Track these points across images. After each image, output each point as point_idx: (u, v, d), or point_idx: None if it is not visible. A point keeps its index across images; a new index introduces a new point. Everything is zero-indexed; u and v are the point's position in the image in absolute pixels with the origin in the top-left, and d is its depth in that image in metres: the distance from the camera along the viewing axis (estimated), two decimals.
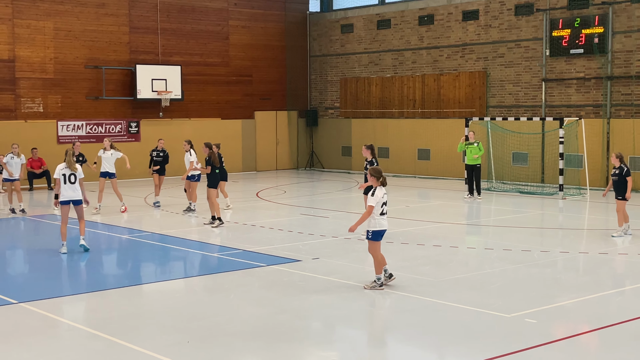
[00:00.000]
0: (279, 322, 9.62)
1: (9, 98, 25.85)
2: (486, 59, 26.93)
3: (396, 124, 29.68)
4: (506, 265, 12.93)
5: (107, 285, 11.89)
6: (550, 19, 24.94)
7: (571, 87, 24.85)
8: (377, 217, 11.02)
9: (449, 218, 18.40)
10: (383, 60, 30.14)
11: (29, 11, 26.06)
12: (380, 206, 11.03)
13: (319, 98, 32.90)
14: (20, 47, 25.94)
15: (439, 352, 8.60)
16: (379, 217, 11.03)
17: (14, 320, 9.76)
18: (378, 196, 10.98)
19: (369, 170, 11.20)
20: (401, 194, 23.34)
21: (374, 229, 11.06)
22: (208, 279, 12.37)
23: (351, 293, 10.97)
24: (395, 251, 14.06)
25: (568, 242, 15.20)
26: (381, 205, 11.03)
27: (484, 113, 26.77)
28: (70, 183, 14.33)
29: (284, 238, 15.59)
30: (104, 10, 27.63)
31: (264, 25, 31.72)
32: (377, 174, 11.08)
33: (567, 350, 8.57)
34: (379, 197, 10.99)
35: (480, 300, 10.55)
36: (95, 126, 27.36)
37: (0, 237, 17.32)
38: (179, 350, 8.50)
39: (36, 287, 11.90)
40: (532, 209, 19.96)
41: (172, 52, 29.22)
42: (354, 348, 8.81)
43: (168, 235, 16.09)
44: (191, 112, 29.79)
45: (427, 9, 28.61)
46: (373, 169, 11.16)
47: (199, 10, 29.88)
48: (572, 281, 11.99)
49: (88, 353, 8.48)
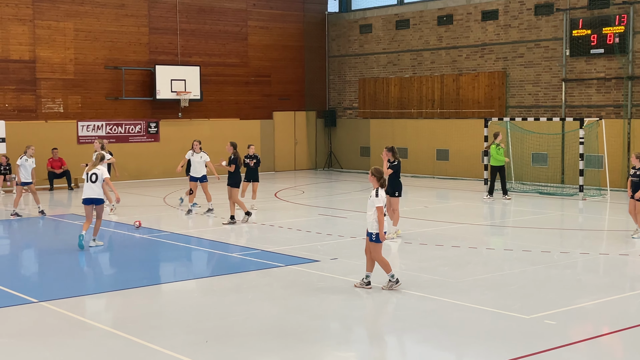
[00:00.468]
0: (297, 322, 9.62)
1: (29, 98, 26.06)
2: (505, 59, 26.80)
3: (415, 125, 29.61)
4: (525, 267, 12.86)
5: (126, 284, 11.95)
6: (571, 18, 24.78)
7: (591, 87, 24.67)
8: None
9: (468, 219, 18.32)
10: (402, 60, 30.08)
11: (50, 12, 26.26)
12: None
13: (338, 98, 32.89)
14: (40, 48, 26.14)
15: (457, 353, 8.57)
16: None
17: (34, 319, 9.84)
18: (382, 197, 10.93)
19: (370, 170, 11.15)
20: (420, 195, 23.27)
21: (377, 231, 10.92)
22: (226, 278, 12.40)
23: (369, 293, 10.95)
24: (414, 252, 14.02)
25: (588, 244, 15.10)
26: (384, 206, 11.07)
27: (503, 113, 26.64)
28: (91, 182, 14.48)
29: (302, 238, 15.60)
30: (123, 11, 27.78)
31: (283, 26, 31.76)
32: (379, 174, 11.06)
33: (587, 352, 8.51)
34: (384, 197, 10.95)
35: (500, 302, 10.50)
36: (114, 126, 27.51)
37: (21, 237, 17.47)
38: (197, 349, 8.53)
39: (56, 286, 11.98)
40: (552, 210, 19.84)
41: (191, 53, 29.33)
42: (372, 349, 8.79)
43: (187, 235, 16.15)
44: (210, 113, 29.89)
45: (446, 9, 28.52)
46: (375, 168, 11.13)
47: (217, 11, 29.97)
48: (592, 282, 11.90)
49: (107, 352, 8.53)
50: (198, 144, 19.60)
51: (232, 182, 17.33)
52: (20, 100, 25.87)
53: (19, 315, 10.02)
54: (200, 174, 19.31)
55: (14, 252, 15.62)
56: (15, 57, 25.68)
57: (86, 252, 14.41)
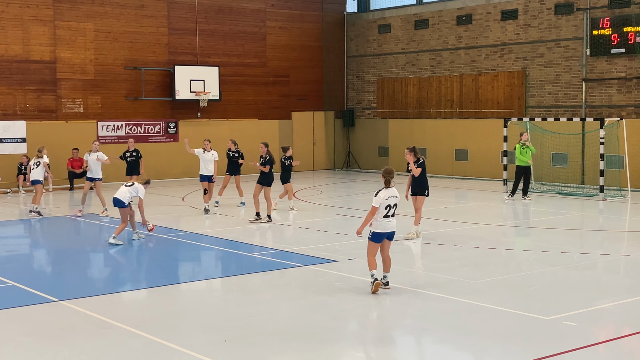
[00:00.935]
0: (315, 322, 9.62)
1: (50, 99, 26.25)
2: (525, 59, 26.66)
3: (433, 125, 29.53)
4: (545, 267, 12.78)
5: (146, 284, 12.00)
6: (591, 18, 24.61)
7: (612, 87, 24.49)
8: (379, 219, 10.83)
9: (487, 219, 18.25)
10: (420, 60, 30.01)
11: (70, 13, 26.44)
12: (384, 208, 10.80)
13: (356, 98, 32.86)
14: (61, 49, 26.32)
15: (476, 354, 8.54)
16: (381, 219, 10.83)
17: (55, 318, 9.90)
18: (380, 197, 10.79)
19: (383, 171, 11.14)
20: (439, 195, 23.20)
21: (374, 230, 10.90)
22: (245, 278, 12.42)
23: (387, 294, 10.93)
24: (432, 252, 13.99)
25: (608, 244, 14.98)
26: (385, 207, 10.81)
27: (523, 113, 26.50)
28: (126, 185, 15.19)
29: (320, 238, 15.60)
30: (143, 12, 27.92)
31: (301, 26, 31.78)
32: (385, 174, 11.05)
33: (608, 354, 8.45)
34: (381, 199, 10.78)
35: (519, 303, 10.44)
36: (134, 126, 27.65)
37: (41, 236, 17.60)
38: (216, 349, 8.55)
39: (76, 285, 12.06)
40: (572, 211, 19.71)
41: (210, 53, 29.42)
42: (390, 349, 8.77)
43: (205, 235, 16.20)
44: (229, 113, 29.96)
45: (465, 9, 28.41)
46: (384, 168, 11.12)
47: (236, 12, 30.04)
48: (613, 284, 11.81)
49: (127, 351, 8.57)
50: (208, 143, 20.02)
51: (266, 182, 17.64)
52: (41, 101, 26.06)
53: (39, 314, 10.10)
54: (211, 173, 19.63)
55: (33, 251, 15.75)
56: (36, 57, 25.88)
57: (105, 252, 14.49)
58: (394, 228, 11.00)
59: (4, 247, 15.78)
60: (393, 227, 10.98)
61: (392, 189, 10.95)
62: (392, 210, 10.92)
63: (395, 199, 10.93)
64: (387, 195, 10.86)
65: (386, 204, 10.82)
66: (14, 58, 25.46)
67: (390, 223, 10.91)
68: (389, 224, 10.90)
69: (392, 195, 10.92)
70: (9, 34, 25.31)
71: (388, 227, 10.90)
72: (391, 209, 10.90)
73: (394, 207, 10.93)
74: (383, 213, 10.81)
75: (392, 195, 10.92)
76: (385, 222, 10.86)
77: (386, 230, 10.90)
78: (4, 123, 24.95)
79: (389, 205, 10.86)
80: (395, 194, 10.96)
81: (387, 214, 10.85)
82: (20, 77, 25.62)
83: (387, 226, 10.89)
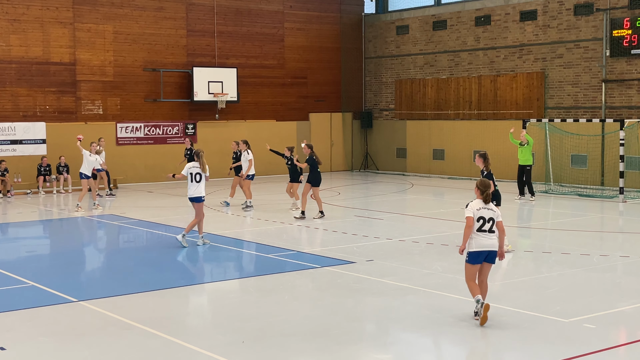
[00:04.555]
0: (333, 324, 9.62)
1: (69, 100, 26.43)
2: (544, 60, 26.52)
3: (452, 126, 29.44)
4: (564, 269, 12.70)
5: (164, 284, 12.05)
6: (611, 18, 24.44)
7: (632, 87, 24.30)
8: (474, 235, 9.48)
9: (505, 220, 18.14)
10: (439, 61, 29.93)
11: (90, 15, 26.62)
12: (477, 220, 9.45)
13: (374, 100, 32.83)
14: (80, 51, 26.50)
15: (495, 356, 8.50)
16: (476, 234, 9.47)
17: (73, 318, 9.96)
18: (473, 207, 9.52)
19: (476, 182, 9.73)
20: (457, 196, 23.14)
21: (469, 250, 9.54)
22: (262, 279, 12.44)
23: (405, 295, 10.91)
24: (450, 254, 13.94)
25: (628, 246, 14.86)
26: (478, 219, 9.46)
27: (542, 115, 26.37)
28: (196, 182, 15.01)
29: (338, 240, 15.59)
30: (162, 14, 28.05)
31: (319, 27, 31.80)
32: (482, 186, 9.60)
33: (628, 357, 8.39)
34: (473, 209, 9.51)
35: (538, 305, 10.38)
36: (153, 128, 27.78)
37: (60, 237, 17.73)
38: (234, 349, 8.57)
39: (95, 285, 12.13)
40: (592, 212, 19.58)
41: (228, 55, 29.50)
42: (408, 351, 8.75)
43: (223, 236, 16.24)
44: (247, 114, 30.03)
45: (484, 10, 28.32)
46: (480, 180, 9.70)
47: (254, 13, 30.11)
48: (633, 286, 11.71)
49: (145, 351, 8.61)
50: (244, 144, 20.33)
51: (314, 181, 18.26)
52: (61, 102, 26.25)
53: (58, 314, 10.16)
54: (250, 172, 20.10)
55: (53, 251, 15.86)
56: (56, 59, 26.07)
57: (123, 252, 14.54)
58: (493, 247, 9.49)
59: (24, 247, 15.90)
60: (492, 246, 9.48)
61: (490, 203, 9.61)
62: (488, 224, 9.49)
63: (490, 212, 9.52)
64: (479, 206, 9.54)
65: (478, 216, 9.48)
66: (34, 60, 25.67)
67: (486, 240, 9.46)
68: (486, 241, 9.47)
69: (488, 208, 9.56)
70: (29, 36, 25.52)
71: (484, 244, 9.44)
72: (486, 222, 9.48)
73: (489, 221, 9.48)
74: (477, 226, 9.47)
75: (487, 208, 9.56)
76: (481, 238, 9.46)
77: (480, 249, 9.44)
78: (24, 124, 25.16)
79: (482, 218, 9.47)
80: (491, 207, 9.58)
81: (482, 228, 9.47)
82: (40, 79, 25.81)
83: (482, 243, 9.44)
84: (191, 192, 15.04)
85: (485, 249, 9.44)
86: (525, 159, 21.45)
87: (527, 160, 21.50)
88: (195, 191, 15.00)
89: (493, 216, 9.53)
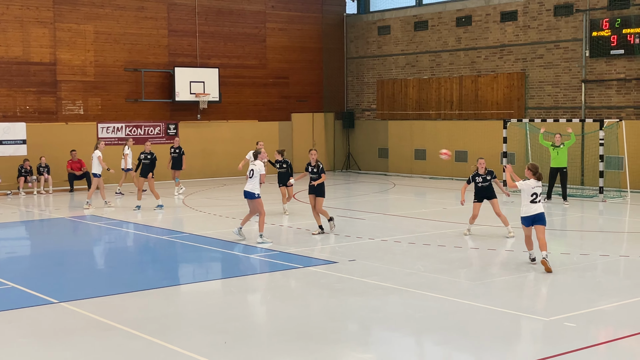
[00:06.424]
0: (316, 324, 9.63)
1: (50, 100, 26.27)
2: (525, 60, 26.68)
3: (433, 126, 29.55)
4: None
5: (146, 285, 12.01)
6: (590, 19, 24.63)
7: (611, 88, 24.51)
8: (524, 204, 12.54)
9: (487, 220, 18.25)
10: (420, 61, 30.04)
11: (70, 15, 26.46)
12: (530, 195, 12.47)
13: (356, 100, 32.89)
14: (61, 51, 26.35)
15: (477, 355, 8.55)
16: (527, 203, 12.50)
17: (55, 320, 9.91)
18: (529, 184, 12.48)
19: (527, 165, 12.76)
20: (438, 196, 23.23)
21: (521, 215, 12.69)
22: (244, 280, 12.44)
23: (388, 295, 10.94)
24: (432, 254, 14.00)
25: (608, 246, 14.99)
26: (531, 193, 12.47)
27: (522, 115, 26.52)
28: (249, 177, 15.18)
29: (320, 240, 15.61)
30: (143, 14, 27.94)
31: (301, 28, 31.80)
32: (534, 168, 12.65)
33: (608, 355, 8.46)
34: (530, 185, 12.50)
35: (519, 303, 10.45)
36: (134, 128, 27.67)
37: (41, 238, 17.61)
38: (217, 350, 8.56)
39: (76, 287, 12.07)
40: (572, 212, 19.72)
41: (210, 55, 29.44)
42: (391, 350, 8.79)
43: (206, 237, 16.20)
44: (228, 115, 29.98)
45: (465, 10, 28.45)
46: (531, 164, 12.80)
47: (236, 13, 30.06)
48: (613, 285, 11.82)
49: (127, 352, 8.58)
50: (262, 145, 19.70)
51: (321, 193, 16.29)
52: (41, 102, 26.09)
53: (39, 315, 10.10)
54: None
55: (33, 252, 15.75)
56: (36, 59, 25.90)
57: (105, 253, 14.46)
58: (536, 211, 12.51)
59: (4, 248, 15.78)
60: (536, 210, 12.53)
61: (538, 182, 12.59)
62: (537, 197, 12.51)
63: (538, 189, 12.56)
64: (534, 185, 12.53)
65: (532, 192, 12.48)
66: (14, 60, 25.48)
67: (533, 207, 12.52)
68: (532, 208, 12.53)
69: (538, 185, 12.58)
70: (9, 36, 25.34)
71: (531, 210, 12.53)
72: (535, 196, 12.48)
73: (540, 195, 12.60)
74: (529, 199, 12.50)
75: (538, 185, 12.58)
76: (529, 206, 12.52)
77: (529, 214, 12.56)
78: (4, 125, 24.98)
79: (534, 194, 12.50)
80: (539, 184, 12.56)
81: (534, 199, 12.49)
82: (21, 79, 25.64)
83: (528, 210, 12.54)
84: (245, 188, 15.28)
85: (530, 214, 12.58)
86: (560, 160, 21.02)
87: (562, 162, 21.00)
88: (248, 186, 15.17)
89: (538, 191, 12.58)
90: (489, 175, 15.90)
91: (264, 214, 15.27)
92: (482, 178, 15.83)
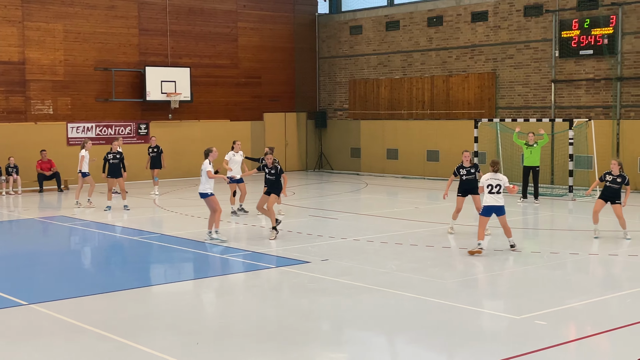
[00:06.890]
0: (289, 324, 9.62)
1: (19, 100, 25.96)
2: (495, 60, 26.88)
3: (405, 126, 29.65)
4: (516, 267, 12.89)
5: (117, 286, 11.91)
6: (560, 20, 24.87)
7: (581, 88, 24.77)
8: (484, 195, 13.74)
9: (459, 219, 18.34)
10: (392, 61, 30.13)
11: (39, 14, 26.17)
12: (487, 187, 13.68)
13: (328, 99, 32.90)
14: (30, 50, 26.04)
15: (448, 353, 8.58)
16: (486, 194, 13.71)
17: (24, 322, 9.79)
18: (483, 178, 13.81)
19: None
20: (410, 196, 23.32)
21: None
22: (217, 280, 12.38)
23: (360, 295, 10.96)
24: (404, 252, 14.04)
25: (578, 244, 15.14)
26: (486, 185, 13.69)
27: (493, 114, 26.71)
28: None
29: (293, 239, 15.59)
30: (113, 13, 27.71)
31: (273, 27, 31.75)
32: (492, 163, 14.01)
33: (578, 352, 8.54)
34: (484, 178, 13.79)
35: (490, 302, 10.52)
36: (105, 128, 27.44)
37: (10, 239, 17.39)
38: (189, 351, 8.51)
39: (45, 288, 11.93)
40: (542, 211, 19.90)
41: (181, 54, 29.28)
42: (364, 350, 8.80)
43: (177, 237, 16.11)
44: (200, 114, 29.85)
45: (436, 10, 28.58)
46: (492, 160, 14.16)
47: (207, 13, 29.94)
48: (582, 283, 11.95)
49: (98, 354, 8.50)
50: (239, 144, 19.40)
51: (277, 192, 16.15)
52: (10, 102, 25.76)
53: (8, 317, 9.98)
54: (239, 175, 18.98)
55: (2, 254, 15.54)
56: (5, 58, 25.58)
57: (75, 254, 14.33)
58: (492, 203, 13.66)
59: None
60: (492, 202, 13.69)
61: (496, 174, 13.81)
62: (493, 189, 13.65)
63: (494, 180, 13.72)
64: (488, 177, 13.71)
65: (487, 184, 13.65)
66: None
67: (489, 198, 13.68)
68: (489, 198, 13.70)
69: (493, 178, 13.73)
70: None
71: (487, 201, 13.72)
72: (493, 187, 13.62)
73: (496, 187, 13.66)
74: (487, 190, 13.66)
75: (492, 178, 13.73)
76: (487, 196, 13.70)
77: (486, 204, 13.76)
78: None
79: (490, 185, 13.64)
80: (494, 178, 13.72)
81: (491, 191, 13.62)
82: None
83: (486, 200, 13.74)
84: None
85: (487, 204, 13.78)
86: (533, 159, 21.16)
87: (535, 162, 21.14)
88: (200, 187, 15.40)
89: (500, 184, 13.70)
90: (474, 168, 15.94)
91: (219, 211, 15.27)
92: (467, 170, 15.89)
